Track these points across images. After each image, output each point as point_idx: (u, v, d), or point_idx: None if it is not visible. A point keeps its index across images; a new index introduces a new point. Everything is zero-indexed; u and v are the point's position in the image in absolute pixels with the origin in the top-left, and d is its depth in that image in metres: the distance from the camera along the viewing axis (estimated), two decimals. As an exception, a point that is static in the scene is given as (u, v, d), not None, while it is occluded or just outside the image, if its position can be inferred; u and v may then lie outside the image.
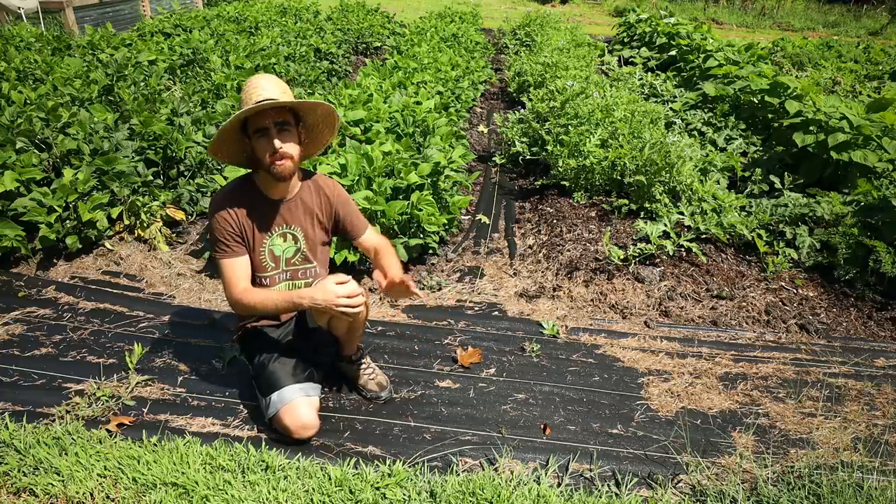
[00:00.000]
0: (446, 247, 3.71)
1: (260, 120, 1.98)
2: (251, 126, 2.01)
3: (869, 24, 16.51)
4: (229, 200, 2.11)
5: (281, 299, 2.06)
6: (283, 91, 2.01)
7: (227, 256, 2.10)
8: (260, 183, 2.15)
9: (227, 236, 2.09)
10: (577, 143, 4.24)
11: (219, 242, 2.10)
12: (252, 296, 2.09)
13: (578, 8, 18.61)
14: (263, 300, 2.07)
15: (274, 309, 2.08)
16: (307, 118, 2.15)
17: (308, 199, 2.22)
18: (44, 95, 4.08)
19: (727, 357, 2.77)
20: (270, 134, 1.98)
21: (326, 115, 2.13)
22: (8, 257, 3.25)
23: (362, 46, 9.33)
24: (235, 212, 2.10)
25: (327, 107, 2.09)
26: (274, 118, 1.98)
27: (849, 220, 3.52)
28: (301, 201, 2.21)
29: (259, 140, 2.00)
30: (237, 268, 2.11)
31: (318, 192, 2.25)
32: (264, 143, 2.00)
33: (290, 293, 2.07)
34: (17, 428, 2.10)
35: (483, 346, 2.78)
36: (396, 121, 4.14)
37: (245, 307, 2.10)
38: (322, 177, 2.29)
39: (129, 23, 9.10)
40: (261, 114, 1.97)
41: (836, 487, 1.95)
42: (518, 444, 2.20)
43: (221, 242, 2.09)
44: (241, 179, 2.19)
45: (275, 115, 1.98)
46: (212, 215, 2.10)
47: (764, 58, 7.31)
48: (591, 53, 7.84)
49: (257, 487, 1.92)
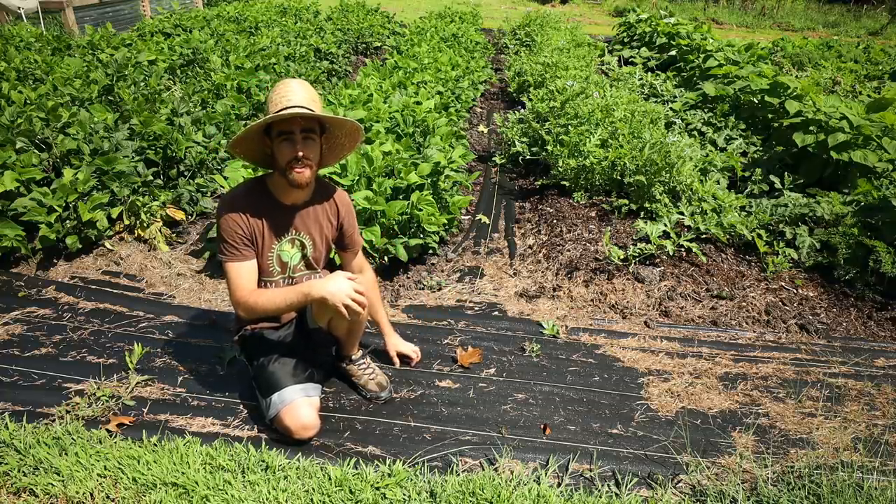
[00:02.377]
0: (446, 247, 3.71)
1: (286, 125, 1.98)
2: (275, 129, 2.00)
3: (869, 24, 16.52)
4: (241, 202, 2.09)
5: (291, 293, 2.04)
6: (312, 99, 2.00)
7: (235, 260, 2.08)
8: (273, 187, 2.13)
9: (236, 239, 2.07)
10: (577, 143, 4.24)
11: (227, 244, 2.07)
12: (259, 296, 2.06)
13: (578, 8, 18.62)
14: (272, 297, 2.06)
15: (283, 303, 2.05)
16: (333, 130, 2.14)
17: (319, 208, 2.21)
18: (44, 95, 4.08)
19: (727, 357, 2.77)
20: (295, 140, 1.98)
21: (353, 131, 2.13)
22: (8, 257, 3.25)
23: (362, 46, 9.33)
24: (247, 215, 2.08)
25: (354, 124, 2.09)
26: (301, 126, 1.98)
27: (849, 220, 3.52)
28: (313, 210, 2.20)
29: (282, 144, 1.99)
30: (245, 272, 2.09)
31: (331, 203, 2.24)
32: (287, 148, 1.99)
33: (300, 285, 2.06)
34: (17, 428, 2.10)
35: (483, 346, 2.78)
36: (396, 121, 4.14)
37: (251, 309, 2.07)
38: (336, 188, 2.29)
39: (129, 23, 9.10)
40: (289, 119, 1.96)
41: (836, 487, 1.95)
42: (518, 444, 2.20)
43: (230, 245, 2.07)
44: (253, 182, 2.18)
45: (303, 122, 1.98)
46: (221, 216, 2.07)
47: (764, 58, 7.31)
48: (591, 53, 7.84)
49: (257, 487, 1.92)
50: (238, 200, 2.09)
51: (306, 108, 1.95)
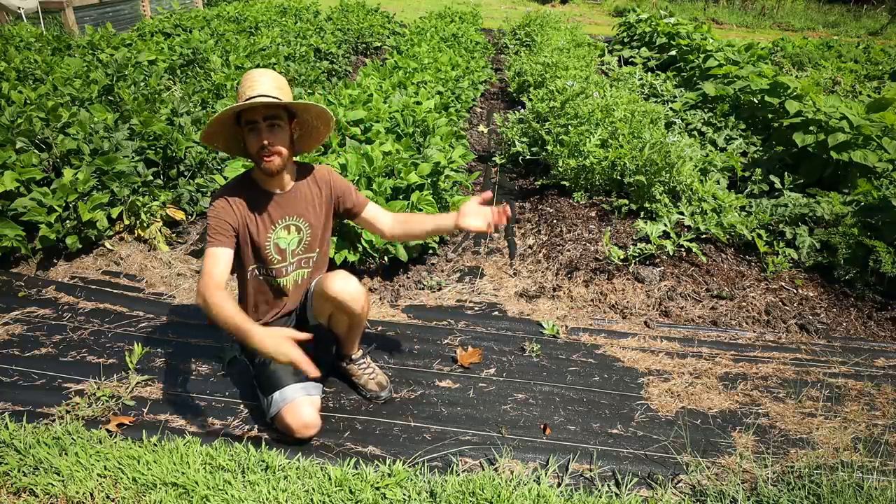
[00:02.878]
0: (446, 247, 3.71)
1: (251, 114, 2.01)
2: (243, 119, 2.04)
3: (869, 24, 16.51)
4: (231, 194, 2.12)
5: (233, 323, 1.88)
6: (278, 87, 2.02)
7: (212, 245, 2.05)
8: (256, 177, 2.18)
9: (220, 225, 2.07)
10: (577, 143, 4.24)
11: (211, 228, 2.07)
12: (216, 298, 1.91)
13: (578, 8, 18.61)
14: (222, 309, 1.90)
15: (225, 323, 1.90)
16: (301, 115, 2.16)
17: (306, 190, 2.24)
18: (44, 95, 4.08)
19: (727, 357, 2.77)
20: (260, 129, 2.01)
21: (321, 113, 2.15)
22: (8, 257, 3.25)
23: (362, 46, 9.33)
24: (237, 206, 2.11)
25: (319, 107, 2.10)
26: (264, 114, 2.00)
27: (849, 220, 3.52)
28: (300, 192, 2.23)
29: (249, 134, 2.04)
30: (218, 258, 2.04)
31: (314, 181, 2.27)
32: (254, 137, 2.03)
33: (246, 325, 1.87)
34: (17, 428, 2.10)
35: (483, 346, 2.78)
36: (396, 121, 4.14)
37: (206, 304, 1.93)
38: (316, 166, 2.32)
39: (129, 23, 9.10)
40: (252, 108, 1.99)
41: (836, 487, 1.95)
42: (518, 444, 2.20)
43: (213, 229, 2.07)
44: (242, 176, 2.22)
45: (265, 111, 2.01)
46: (211, 205, 2.11)
47: (764, 58, 7.31)
48: (591, 53, 7.84)
49: (257, 487, 1.92)
50: (227, 193, 2.13)
51: (269, 95, 1.97)
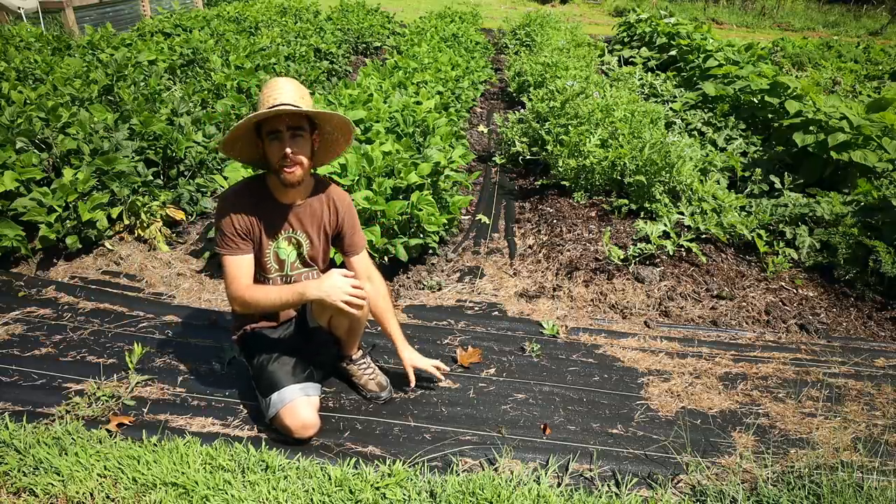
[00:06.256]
0: (446, 247, 3.71)
1: (274, 123, 1.97)
2: (265, 128, 2.00)
3: (869, 24, 16.52)
4: (240, 198, 2.10)
5: (287, 291, 2.05)
6: (301, 96, 2.00)
7: (232, 253, 2.09)
8: (271, 185, 2.14)
9: (234, 233, 2.08)
10: (577, 143, 4.24)
11: (225, 238, 2.08)
12: (254, 291, 2.08)
13: (578, 8, 18.62)
14: (267, 293, 2.07)
15: (278, 301, 2.06)
16: (323, 126, 2.14)
17: (317, 207, 2.21)
18: (44, 95, 4.08)
19: (727, 357, 2.77)
20: (283, 139, 1.98)
21: (342, 125, 2.13)
22: (8, 257, 3.25)
23: (362, 46, 9.33)
24: (245, 210, 2.09)
25: (342, 118, 2.08)
26: (288, 123, 1.98)
27: (849, 220, 3.52)
28: (310, 208, 2.19)
29: (271, 143, 2.00)
30: (242, 265, 2.10)
31: (329, 202, 2.23)
32: (276, 147, 1.99)
33: (296, 285, 2.07)
34: (17, 428, 2.10)
35: (483, 346, 2.78)
36: (396, 121, 4.14)
37: (246, 303, 2.08)
38: (335, 186, 2.28)
39: (129, 23, 9.09)
40: (276, 118, 1.96)
41: (836, 487, 1.95)
42: (518, 444, 2.20)
43: (228, 238, 2.08)
44: (253, 178, 2.18)
45: (289, 120, 1.98)
46: (220, 210, 2.09)
47: (764, 58, 7.31)
48: (591, 53, 7.84)
49: (257, 487, 1.92)
50: (237, 196, 2.11)
51: (293, 105, 1.95)
